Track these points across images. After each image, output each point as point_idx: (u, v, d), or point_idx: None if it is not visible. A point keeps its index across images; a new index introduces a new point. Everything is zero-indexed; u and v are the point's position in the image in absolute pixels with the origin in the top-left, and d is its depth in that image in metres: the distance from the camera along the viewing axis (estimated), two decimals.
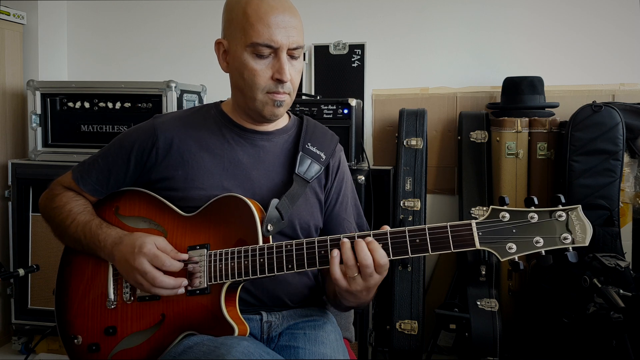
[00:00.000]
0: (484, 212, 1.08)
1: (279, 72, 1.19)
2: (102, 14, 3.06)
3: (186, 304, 1.19)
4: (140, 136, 1.30)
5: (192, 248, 1.21)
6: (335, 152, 1.38)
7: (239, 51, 1.20)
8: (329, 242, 1.12)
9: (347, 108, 2.35)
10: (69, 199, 1.33)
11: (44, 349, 2.64)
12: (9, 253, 2.58)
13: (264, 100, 1.23)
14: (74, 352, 1.28)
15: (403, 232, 1.08)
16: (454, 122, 2.71)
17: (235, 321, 1.16)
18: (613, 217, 2.22)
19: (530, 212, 1.02)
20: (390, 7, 2.77)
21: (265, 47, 1.18)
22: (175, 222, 1.25)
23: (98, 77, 3.03)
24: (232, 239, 1.19)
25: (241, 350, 1.05)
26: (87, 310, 1.28)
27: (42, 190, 2.50)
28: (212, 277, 1.18)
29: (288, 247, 1.14)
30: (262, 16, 1.17)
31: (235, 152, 1.29)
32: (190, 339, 1.16)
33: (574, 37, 2.62)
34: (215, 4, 2.96)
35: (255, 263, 1.15)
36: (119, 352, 1.23)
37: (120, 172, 1.30)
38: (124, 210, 1.31)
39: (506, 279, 2.44)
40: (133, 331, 1.23)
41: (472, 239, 1.04)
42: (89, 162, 1.34)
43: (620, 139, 2.22)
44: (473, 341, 2.28)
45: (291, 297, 1.32)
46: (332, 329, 1.33)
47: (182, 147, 1.28)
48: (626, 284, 1.90)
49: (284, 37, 1.18)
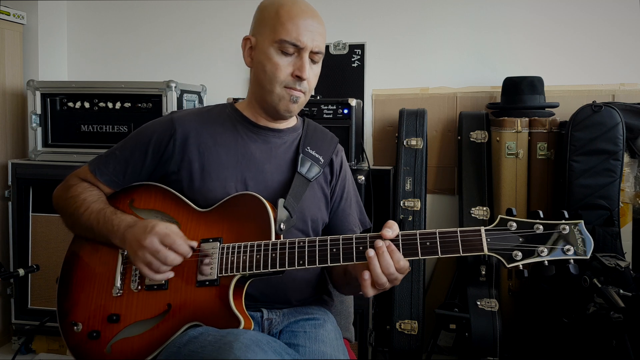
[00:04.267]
0: (484, 212, 1.12)
1: (300, 69, 1.27)
2: (102, 14, 3.06)
3: (194, 295, 1.20)
4: (158, 129, 1.34)
5: (205, 241, 1.24)
6: (337, 151, 1.46)
7: (266, 46, 1.28)
8: (341, 241, 1.15)
9: (347, 108, 2.35)
10: (83, 189, 1.35)
11: (44, 349, 2.64)
12: (9, 253, 2.58)
13: (281, 94, 1.30)
14: (73, 339, 1.27)
15: (414, 235, 1.12)
16: (454, 122, 2.71)
17: (242, 315, 1.17)
18: (613, 217, 2.22)
19: (536, 223, 1.08)
20: (390, 7, 2.77)
21: (291, 46, 1.26)
22: (190, 216, 1.28)
23: (98, 77, 3.03)
24: (245, 235, 1.22)
25: (249, 337, 1.06)
26: (91, 298, 1.28)
27: (42, 190, 2.50)
28: (223, 269, 1.19)
29: (300, 243, 1.17)
30: (293, 17, 1.27)
31: (248, 146, 1.35)
32: (195, 329, 1.16)
33: (574, 37, 2.62)
34: (215, 4, 2.98)
35: (267, 257, 1.17)
36: (119, 340, 1.22)
37: (138, 164, 1.33)
38: (139, 203, 1.33)
39: (506, 279, 2.44)
40: (137, 320, 1.23)
41: (480, 244, 1.09)
42: (107, 154, 1.38)
43: (620, 139, 2.22)
44: (473, 341, 2.28)
45: (295, 296, 1.34)
46: (333, 328, 1.35)
47: (199, 140, 1.33)
48: (626, 284, 1.90)
49: (309, 39, 1.27)
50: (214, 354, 1.04)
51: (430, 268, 2.73)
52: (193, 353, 1.09)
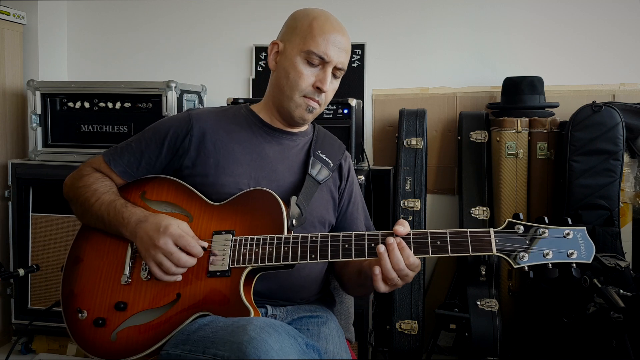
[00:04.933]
0: (484, 212, 1.16)
1: (322, 81, 1.32)
2: (102, 14, 3.06)
3: (204, 285, 1.21)
4: (175, 123, 1.37)
5: (218, 233, 1.25)
6: (345, 157, 1.51)
7: (293, 54, 1.33)
8: (354, 237, 1.19)
9: (347, 108, 2.35)
10: (95, 179, 1.36)
11: (44, 349, 2.64)
12: (9, 253, 2.58)
13: (299, 102, 1.34)
14: (77, 326, 1.27)
15: (425, 234, 1.16)
16: (454, 122, 2.71)
17: (251, 306, 1.18)
18: (613, 217, 2.22)
19: (542, 227, 1.14)
20: (390, 7, 2.77)
21: (318, 58, 1.31)
22: (202, 209, 1.30)
23: (98, 77, 3.03)
24: (257, 229, 1.24)
25: (263, 321, 1.08)
26: (98, 285, 1.29)
27: (42, 190, 2.50)
28: (235, 261, 1.21)
29: (313, 238, 1.20)
30: (325, 32, 1.32)
31: (262, 146, 1.39)
32: (205, 318, 1.17)
33: (574, 37, 2.62)
34: (215, 4, 2.98)
35: (280, 251, 1.20)
36: (125, 328, 1.22)
37: (152, 156, 1.36)
38: (151, 194, 1.35)
39: (506, 279, 2.44)
40: (144, 308, 1.23)
41: (489, 244, 1.14)
42: (122, 145, 1.40)
43: (620, 139, 2.22)
44: (473, 341, 2.28)
45: (301, 294, 1.36)
46: (335, 326, 1.37)
47: (214, 137, 1.36)
48: (626, 284, 1.90)
49: (335, 55, 1.32)
50: (227, 337, 1.05)
51: (430, 268, 2.73)
52: (204, 338, 1.09)
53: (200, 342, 1.09)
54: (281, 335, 1.05)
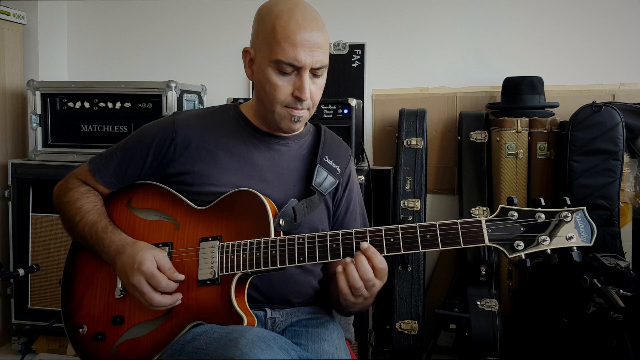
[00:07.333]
0: (484, 212, 1.12)
1: (299, 90, 1.22)
2: (102, 14, 3.06)
3: (196, 294, 1.20)
4: (160, 132, 1.32)
5: (205, 239, 1.23)
6: (350, 162, 1.43)
7: (264, 65, 1.23)
8: (341, 236, 1.16)
9: (347, 108, 2.35)
10: (80, 195, 1.34)
11: (44, 349, 2.64)
12: (9, 253, 2.58)
13: (282, 113, 1.26)
14: (79, 341, 1.28)
15: (414, 228, 1.12)
16: (454, 122, 2.71)
17: (244, 312, 1.17)
18: (613, 217, 2.22)
19: (538, 211, 1.07)
20: (390, 7, 2.77)
21: (289, 66, 1.20)
22: (188, 215, 1.27)
23: (98, 77, 3.03)
24: (244, 232, 1.22)
25: (255, 333, 1.07)
26: (94, 300, 1.29)
27: (42, 190, 2.50)
28: (224, 268, 1.19)
29: (300, 240, 1.17)
30: (289, 34, 1.19)
31: (251, 153, 1.32)
32: (200, 327, 1.16)
33: (574, 37, 2.62)
34: (215, 4, 2.98)
35: (267, 255, 1.17)
36: (124, 341, 1.23)
37: (138, 166, 1.33)
38: (137, 202, 1.33)
39: (506, 279, 2.44)
40: (140, 321, 1.23)
41: (481, 235, 1.08)
42: (107, 155, 1.36)
43: (620, 139, 2.22)
44: (473, 341, 2.28)
45: (297, 296, 1.34)
46: (335, 327, 1.36)
47: (200, 144, 1.30)
48: (626, 284, 1.90)
49: (307, 56, 1.20)
50: (220, 350, 1.04)
51: (430, 268, 2.73)
52: (198, 350, 1.09)
53: (195, 353, 1.09)
54: (273, 350, 1.05)
